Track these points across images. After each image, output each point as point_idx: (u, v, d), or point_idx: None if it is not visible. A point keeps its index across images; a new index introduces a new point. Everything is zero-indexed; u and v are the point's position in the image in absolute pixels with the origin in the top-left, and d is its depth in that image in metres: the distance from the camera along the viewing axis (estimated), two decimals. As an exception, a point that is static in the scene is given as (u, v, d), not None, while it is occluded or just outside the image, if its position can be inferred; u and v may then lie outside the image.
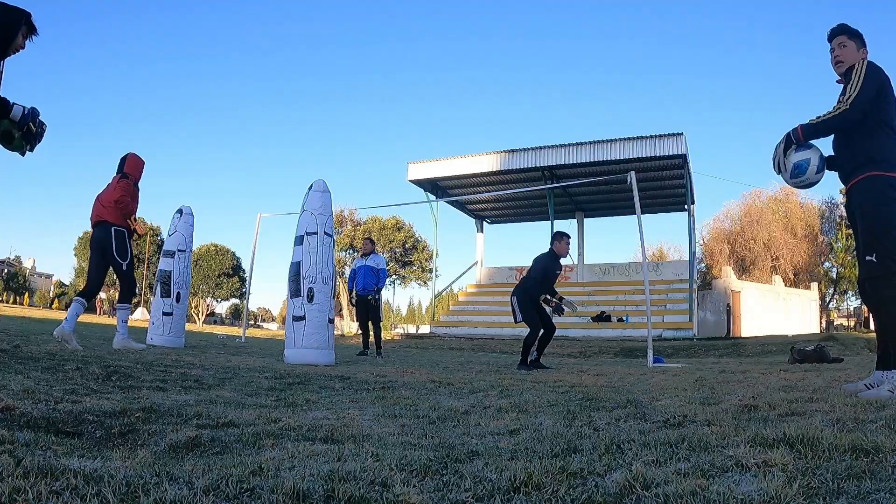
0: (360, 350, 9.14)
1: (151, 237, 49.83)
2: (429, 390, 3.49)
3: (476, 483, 1.30)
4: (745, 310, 24.10)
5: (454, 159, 23.25)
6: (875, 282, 2.99)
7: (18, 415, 1.84)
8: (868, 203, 3.02)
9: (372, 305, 8.85)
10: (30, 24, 3.31)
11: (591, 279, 25.14)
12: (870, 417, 2.07)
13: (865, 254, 3.01)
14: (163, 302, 7.84)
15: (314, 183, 6.21)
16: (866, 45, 3.20)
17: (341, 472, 1.32)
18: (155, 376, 3.39)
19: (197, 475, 1.26)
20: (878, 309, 3.03)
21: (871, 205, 3.01)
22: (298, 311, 5.81)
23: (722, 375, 4.90)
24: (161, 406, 2.25)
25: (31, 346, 4.81)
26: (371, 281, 8.90)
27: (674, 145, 19.43)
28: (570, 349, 15.60)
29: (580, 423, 2.17)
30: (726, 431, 1.83)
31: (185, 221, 8.21)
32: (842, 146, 3.17)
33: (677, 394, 3.23)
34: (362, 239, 37.38)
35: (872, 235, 2.99)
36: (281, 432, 1.90)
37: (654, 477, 1.30)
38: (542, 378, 4.72)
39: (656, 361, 7.85)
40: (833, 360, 7.59)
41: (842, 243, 34.13)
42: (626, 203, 23.74)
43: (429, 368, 5.85)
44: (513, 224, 30.89)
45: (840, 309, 42.73)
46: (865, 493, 1.18)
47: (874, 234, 2.99)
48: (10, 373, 2.88)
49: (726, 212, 38.94)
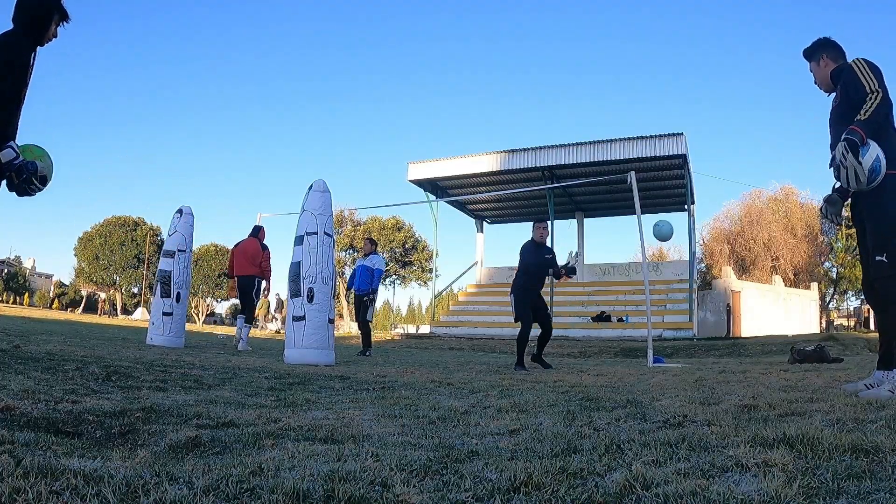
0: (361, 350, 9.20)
1: (151, 237, 49.88)
2: (429, 390, 3.49)
3: (476, 483, 1.30)
4: (745, 310, 24.09)
5: (454, 159, 23.24)
6: (886, 281, 2.97)
7: (18, 415, 1.84)
8: (879, 203, 2.98)
9: (364, 304, 9.10)
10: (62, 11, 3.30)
11: (591, 279, 25.14)
12: (870, 417, 2.07)
13: (875, 254, 2.98)
14: (163, 302, 7.84)
15: (314, 183, 6.21)
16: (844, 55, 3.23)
17: (341, 472, 1.32)
18: (155, 376, 3.39)
19: (197, 475, 1.26)
20: (887, 309, 3.01)
21: (882, 204, 2.97)
22: (298, 311, 5.82)
23: (722, 375, 4.90)
24: (161, 406, 2.25)
25: (31, 346, 4.81)
26: (365, 281, 9.10)
27: (674, 145, 19.42)
28: (570, 349, 15.59)
29: (580, 423, 2.17)
30: (726, 431, 1.83)
31: (185, 221, 8.21)
32: None
33: (677, 394, 3.22)
34: (363, 239, 37.49)
35: (883, 235, 2.97)
36: (281, 432, 1.90)
37: (654, 477, 1.30)
38: (542, 378, 4.72)
39: (656, 361, 7.85)
40: (833, 360, 7.58)
41: (842, 243, 34.13)
42: (626, 203, 23.73)
43: (429, 368, 5.85)
44: (513, 224, 30.91)
45: (840, 309, 42.71)
46: (865, 493, 1.18)
47: (885, 233, 2.97)
48: (10, 373, 2.88)
49: (726, 212, 38.94)
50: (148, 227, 50.78)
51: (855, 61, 3.05)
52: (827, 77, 3.24)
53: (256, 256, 8.59)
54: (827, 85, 3.28)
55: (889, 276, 2.95)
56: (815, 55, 3.28)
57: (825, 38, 3.28)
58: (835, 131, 3.19)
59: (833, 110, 3.22)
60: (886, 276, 2.96)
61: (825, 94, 3.35)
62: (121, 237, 49.03)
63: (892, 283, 2.95)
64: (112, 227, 49.43)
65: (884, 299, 3.02)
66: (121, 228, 49.52)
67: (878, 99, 2.88)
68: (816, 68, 3.28)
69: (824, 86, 3.30)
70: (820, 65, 3.25)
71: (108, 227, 49.52)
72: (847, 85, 3.04)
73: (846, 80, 3.05)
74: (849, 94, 3.02)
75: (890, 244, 2.94)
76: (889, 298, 2.98)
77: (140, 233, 50.12)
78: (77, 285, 53.99)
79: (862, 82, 2.94)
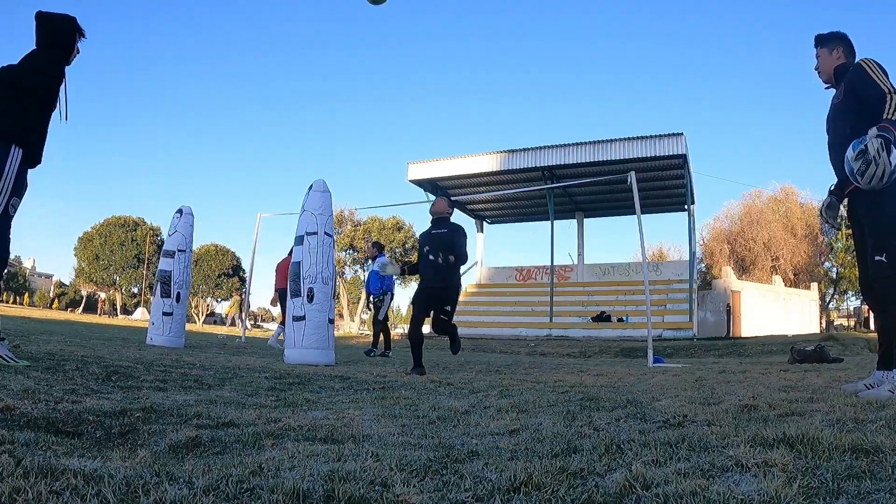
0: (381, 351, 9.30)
1: (151, 237, 49.90)
2: (429, 390, 3.49)
3: (476, 483, 1.30)
4: (745, 310, 24.09)
5: (454, 159, 23.24)
6: (886, 281, 2.97)
7: (18, 415, 1.84)
8: (878, 203, 2.98)
9: (376, 305, 9.56)
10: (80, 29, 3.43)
11: (591, 279, 25.14)
12: (870, 417, 2.07)
13: (875, 254, 2.97)
14: (163, 302, 7.84)
15: (314, 183, 6.21)
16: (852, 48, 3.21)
17: (341, 472, 1.32)
18: (155, 376, 3.39)
19: (197, 475, 1.26)
20: (887, 309, 3.01)
21: (881, 204, 2.97)
22: (298, 311, 5.82)
23: (722, 375, 4.90)
24: (161, 406, 2.25)
25: (31, 346, 4.81)
26: (375, 284, 9.46)
27: (674, 145, 19.42)
28: (570, 349, 15.60)
29: (580, 423, 2.17)
30: (726, 431, 1.83)
31: (185, 221, 8.21)
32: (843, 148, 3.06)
33: (677, 394, 3.22)
34: (363, 239, 37.47)
35: (883, 235, 2.96)
36: (281, 432, 1.90)
37: (654, 477, 1.30)
38: (542, 378, 4.72)
39: (656, 361, 7.85)
40: (833, 360, 7.58)
41: (842, 243, 34.12)
42: (626, 203, 23.72)
43: (429, 368, 5.85)
44: (513, 224, 30.91)
45: (840, 309, 42.69)
46: (865, 493, 1.18)
47: (884, 233, 2.96)
48: (10, 373, 2.88)
49: (726, 212, 38.94)
50: (148, 227, 50.82)
51: (865, 61, 3.03)
52: (832, 69, 3.22)
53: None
54: (828, 75, 3.26)
55: (888, 276, 2.94)
56: (830, 43, 3.24)
57: (844, 34, 3.25)
58: (835, 128, 3.16)
59: (835, 107, 3.19)
60: (886, 276, 2.95)
61: (822, 85, 3.33)
62: (121, 237, 49.06)
63: (891, 283, 2.95)
64: (112, 227, 49.47)
65: (883, 299, 3.01)
66: (121, 228, 49.56)
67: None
68: (827, 56, 3.24)
69: (825, 75, 3.27)
70: (832, 54, 3.22)
71: (108, 227, 49.56)
72: (855, 83, 3.02)
73: (855, 78, 3.03)
74: (857, 91, 3.00)
75: (889, 244, 2.94)
76: (888, 298, 2.98)
77: (140, 233, 50.16)
78: (77, 285, 54.01)
79: (875, 81, 2.92)
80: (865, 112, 2.92)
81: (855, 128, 2.97)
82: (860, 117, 2.96)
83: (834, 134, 3.18)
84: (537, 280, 25.88)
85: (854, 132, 2.97)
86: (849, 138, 3.00)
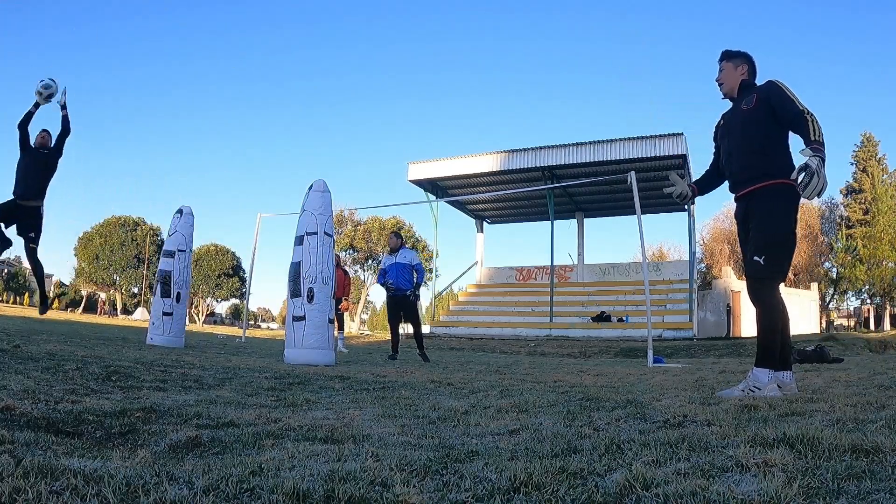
0: (391, 353, 8.47)
1: (151, 237, 49.89)
2: (429, 390, 3.49)
3: (476, 483, 1.30)
4: (745, 310, 24.06)
5: (454, 159, 23.23)
6: (755, 283, 3.14)
7: (18, 415, 1.84)
8: (770, 209, 3.11)
9: (409, 303, 8.32)
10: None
11: (591, 279, 25.14)
12: (870, 417, 2.07)
13: (754, 254, 3.11)
14: (163, 302, 7.84)
15: (314, 183, 6.21)
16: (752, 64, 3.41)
17: (341, 472, 1.32)
18: (155, 376, 3.39)
19: (197, 475, 1.26)
20: (757, 310, 3.16)
21: (772, 210, 3.11)
22: (298, 311, 5.82)
23: (722, 375, 4.90)
24: (161, 406, 2.25)
25: (31, 346, 4.81)
26: (404, 278, 8.29)
27: (674, 145, 19.42)
28: (570, 349, 15.60)
29: (580, 423, 2.17)
30: (726, 431, 1.83)
31: (185, 221, 8.22)
32: (751, 152, 3.21)
33: (677, 394, 3.22)
34: (363, 239, 37.41)
35: (766, 240, 3.10)
36: (281, 432, 1.90)
37: (654, 477, 1.30)
38: (542, 378, 4.72)
39: (656, 361, 7.85)
40: (833, 360, 7.58)
41: (842, 243, 34.12)
42: (626, 203, 23.72)
43: (429, 368, 5.86)
44: (513, 224, 30.91)
45: (840, 309, 42.72)
46: (865, 493, 1.17)
47: (770, 239, 3.09)
48: (10, 373, 2.88)
49: (726, 212, 38.92)
50: (148, 227, 50.81)
51: (779, 82, 3.21)
52: (737, 84, 3.38)
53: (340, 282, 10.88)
54: (730, 88, 3.42)
55: (762, 278, 3.11)
56: (736, 59, 3.41)
57: (751, 55, 3.44)
58: (744, 132, 3.27)
59: (744, 113, 3.29)
60: (759, 277, 3.12)
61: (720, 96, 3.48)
62: (121, 237, 49.06)
63: (761, 284, 3.13)
64: (112, 227, 49.46)
65: (752, 297, 3.18)
66: (121, 228, 49.55)
67: (815, 118, 3.03)
68: (732, 70, 3.40)
69: (728, 87, 3.42)
70: (737, 70, 3.39)
71: (108, 227, 49.54)
72: (771, 96, 3.17)
73: (771, 92, 3.17)
74: (771, 102, 3.15)
75: (770, 250, 3.08)
76: (757, 297, 3.15)
77: (140, 233, 50.14)
78: (77, 285, 53.95)
79: (792, 99, 3.09)
80: (779, 123, 3.13)
81: (768, 134, 3.16)
82: (772, 125, 3.14)
83: (743, 137, 3.28)
84: (537, 280, 25.88)
85: (767, 138, 3.16)
86: (761, 141, 3.16)
